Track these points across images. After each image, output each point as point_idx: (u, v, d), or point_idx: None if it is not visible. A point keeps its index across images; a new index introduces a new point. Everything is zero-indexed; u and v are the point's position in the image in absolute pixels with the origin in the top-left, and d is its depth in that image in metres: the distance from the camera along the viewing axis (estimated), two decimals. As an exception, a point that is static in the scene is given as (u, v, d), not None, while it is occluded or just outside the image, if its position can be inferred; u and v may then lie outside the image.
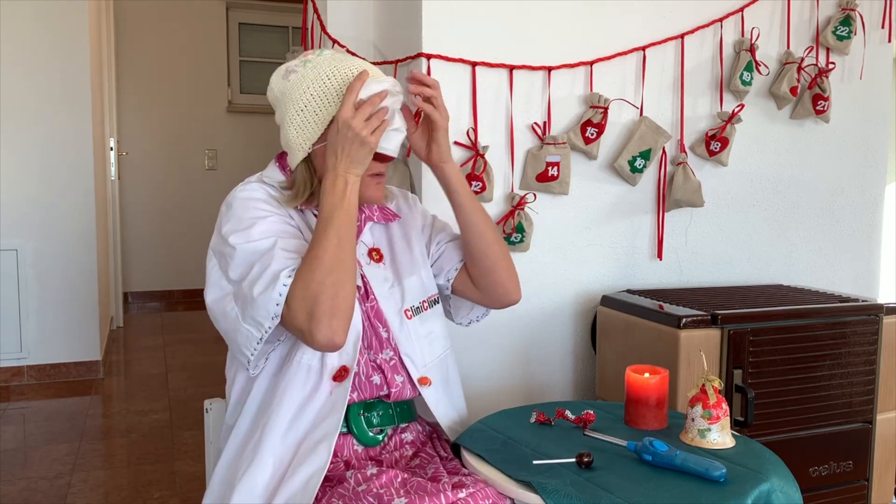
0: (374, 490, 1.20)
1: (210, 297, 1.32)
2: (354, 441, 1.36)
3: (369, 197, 1.39)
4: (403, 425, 1.43)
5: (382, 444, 1.38)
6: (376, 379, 1.38)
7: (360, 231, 1.44)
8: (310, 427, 1.30)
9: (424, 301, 1.48)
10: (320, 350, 1.27)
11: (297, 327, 1.22)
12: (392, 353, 1.41)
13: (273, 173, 1.43)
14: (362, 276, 1.42)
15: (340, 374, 1.33)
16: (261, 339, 1.25)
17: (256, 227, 1.29)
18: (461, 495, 1.17)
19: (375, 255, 1.46)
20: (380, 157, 1.36)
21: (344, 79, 1.31)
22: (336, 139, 1.26)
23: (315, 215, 1.38)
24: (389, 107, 1.30)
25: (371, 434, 1.37)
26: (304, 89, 1.32)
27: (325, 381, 1.32)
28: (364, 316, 1.39)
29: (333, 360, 1.33)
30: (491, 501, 1.19)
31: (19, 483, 2.69)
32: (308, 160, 1.37)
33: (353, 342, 1.34)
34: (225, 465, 1.35)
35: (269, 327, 1.24)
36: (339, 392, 1.32)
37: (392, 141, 1.34)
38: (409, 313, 1.44)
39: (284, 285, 1.22)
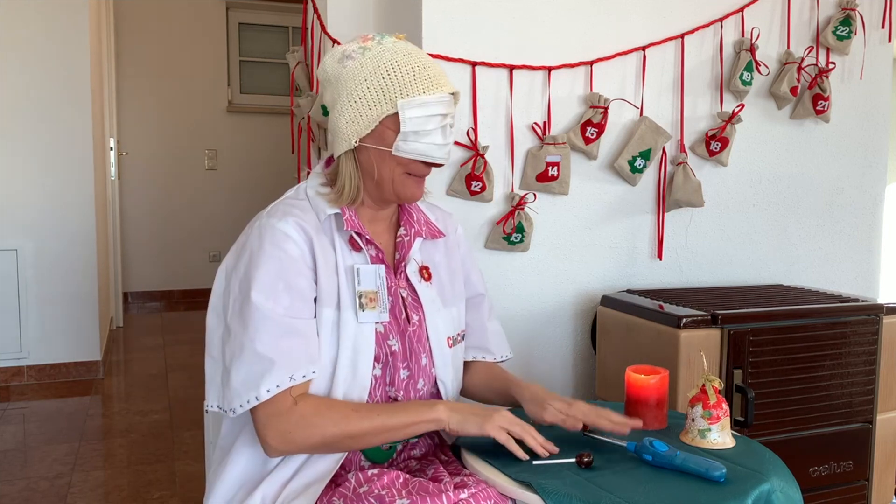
0: (376, 491, 1.19)
1: (210, 314, 1.32)
2: (363, 457, 1.34)
3: (409, 195, 1.34)
4: (414, 440, 1.40)
5: (391, 460, 1.36)
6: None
7: (409, 246, 1.40)
8: (298, 468, 1.27)
9: (459, 334, 1.45)
10: (262, 445, 1.25)
11: (258, 428, 1.22)
12: (424, 383, 1.37)
13: (314, 183, 1.36)
14: (413, 294, 1.37)
15: None
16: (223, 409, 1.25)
17: (279, 305, 1.23)
18: (463, 496, 1.17)
19: (425, 273, 1.40)
20: (429, 164, 1.33)
21: (404, 75, 1.27)
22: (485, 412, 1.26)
23: (354, 236, 1.32)
24: (449, 121, 1.30)
25: (382, 449, 1.34)
26: (361, 80, 1.28)
27: None
28: (407, 340, 1.34)
29: None
30: (493, 502, 1.19)
31: (19, 483, 2.69)
32: (354, 154, 1.32)
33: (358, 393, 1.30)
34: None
35: (233, 410, 1.22)
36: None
37: (447, 153, 1.32)
38: (451, 341, 1.41)
39: (268, 391, 1.20)
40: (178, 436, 3.16)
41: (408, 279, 1.38)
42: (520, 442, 1.27)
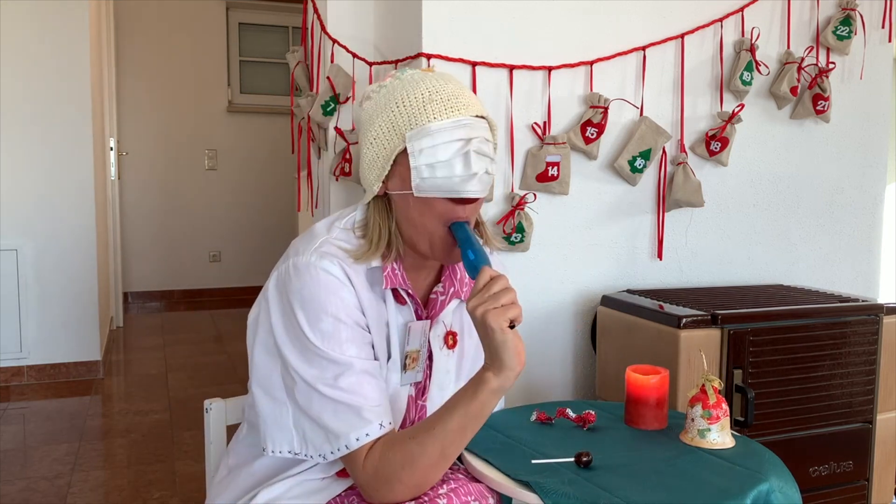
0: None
1: (258, 349, 1.18)
2: None
3: (437, 254, 1.19)
4: None
5: None
6: None
7: (441, 307, 1.26)
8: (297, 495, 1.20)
9: None
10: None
11: (363, 480, 1.11)
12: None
13: (347, 230, 1.21)
14: (429, 361, 1.26)
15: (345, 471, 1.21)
16: (297, 454, 1.15)
17: (346, 351, 1.12)
18: (442, 490, 1.17)
19: (451, 339, 1.28)
20: (462, 201, 1.16)
21: (413, 104, 1.13)
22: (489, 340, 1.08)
23: (397, 293, 1.20)
24: (474, 147, 1.13)
25: None
26: (374, 118, 1.16)
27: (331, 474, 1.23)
28: (407, 401, 1.25)
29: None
30: (473, 498, 1.18)
31: (19, 483, 2.69)
32: (384, 203, 1.19)
33: None
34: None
35: (323, 456, 1.12)
36: (337, 484, 1.21)
37: (479, 183, 1.14)
38: None
39: (357, 440, 1.10)
40: (178, 436, 3.16)
41: (429, 343, 1.25)
42: (519, 442, 1.25)
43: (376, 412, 1.12)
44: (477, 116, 1.16)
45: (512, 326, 1.08)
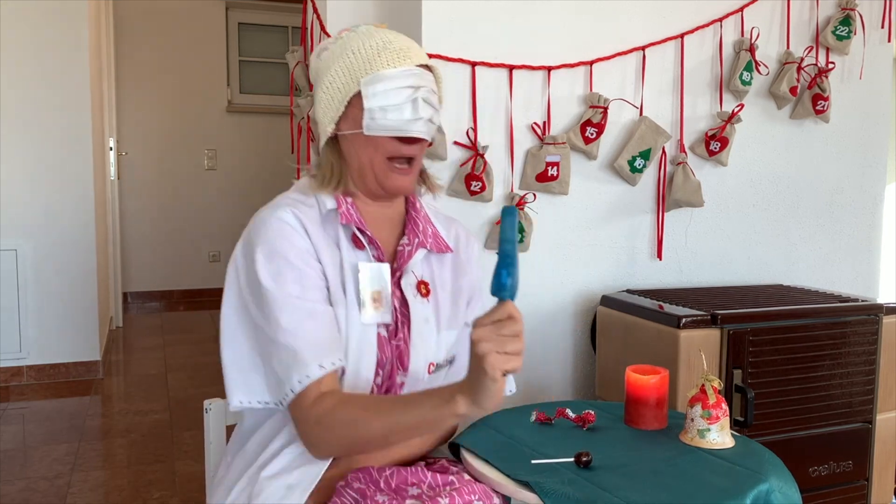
0: (356, 485, 1.20)
1: (227, 308, 1.26)
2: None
3: (393, 185, 1.28)
4: None
5: None
6: None
7: (408, 257, 1.32)
8: (283, 468, 1.23)
9: (447, 360, 1.35)
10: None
11: (303, 428, 1.18)
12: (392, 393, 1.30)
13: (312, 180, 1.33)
14: (404, 309, 1.29)
15: None
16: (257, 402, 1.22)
17: (292, 291, 1.19)
18: (444, 490, 1.17)
19: (423, 288, 1.32)
20: (407, 140, 1.26)
21: (367, 53, 1.23)
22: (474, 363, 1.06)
23: (357, 231, 1.27)
24: (422, 94, 1.23)
25: None
26: (330, 65, 1.26)
27: None
28: (390, 352, 1.27)
29: None
30: (477, 496, 1.18)
31: (19, 483, 2.69)
32: (336, 143, 1.29)
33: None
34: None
35: (280, 403, 1.20)
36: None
37: (424, 126, 1.25)
38: (433, 368, 1.31)
39: (299, 382, 1.16)
40: (178, 436, 3.16)
41: (402, 292, 1.30)
42: (519, 442, 1.25)
43: (314, 353, 1.17)
44: (424, 67, 1.26)
45: (505, 374, 1.05)
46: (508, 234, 1.08)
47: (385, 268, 1.28)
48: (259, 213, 1.26)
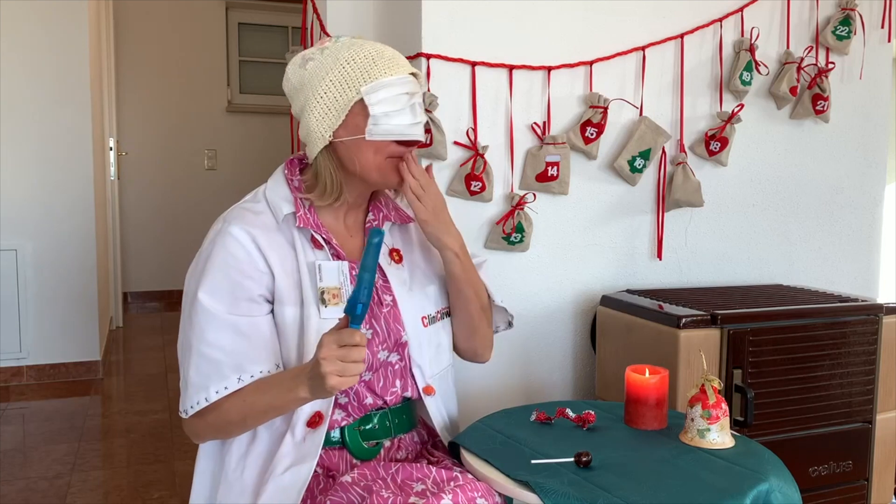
0: (363, 482, 1.21)
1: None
2: (350, 455, 1.34)
3: (394, 180, 1.37)
4: (401, 436, 1.40)
5: (377, 457, 1.36)
6: (369, 399, 1.36)
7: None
8: (278, 471, 1.28)
9: (438, 312, 1.47)
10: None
11: (185, 423, 1.32)
12: (399, 358, 1.39)
13: (276, 188, 1.38)
14: (383, 277, 1.40)
15: (314, 421, 1.30)
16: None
17: (222, 304, 1.28)
18: (447, 487, 1.18)
19: (396, 255, 1.44)
20: (407, 143, 1.35)
21: (363, 63, 1.30)
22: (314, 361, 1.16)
23: (314, 234, 1.35)
24: (410, 101, 1.31)
25: (366, 446, 1.35)
26: (323, 76, 1.31)
27: (299, 426, 1.30)
28: (384, 319, 1.37)
29: (305, 406, 1.29)
30: (480, 494, 1.19)
31: (19, 483, 2.69)
32: (330, 151, 1.34)
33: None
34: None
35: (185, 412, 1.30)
36: (313, 439, 1.29)
37: (421, 129, 1.34)
38: (426, 321, 1.42)
39: (217, 392, 1.26)
40: (178, 436, 3.16)
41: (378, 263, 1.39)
42: (519, 442, 1.26)
43: (235, 367, 1.26)
44: (413, 75, 1.35)
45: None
46: (368, 262, 1.12)
47: (344, 265, 1.35)
48: (214, 225, 1.36)
